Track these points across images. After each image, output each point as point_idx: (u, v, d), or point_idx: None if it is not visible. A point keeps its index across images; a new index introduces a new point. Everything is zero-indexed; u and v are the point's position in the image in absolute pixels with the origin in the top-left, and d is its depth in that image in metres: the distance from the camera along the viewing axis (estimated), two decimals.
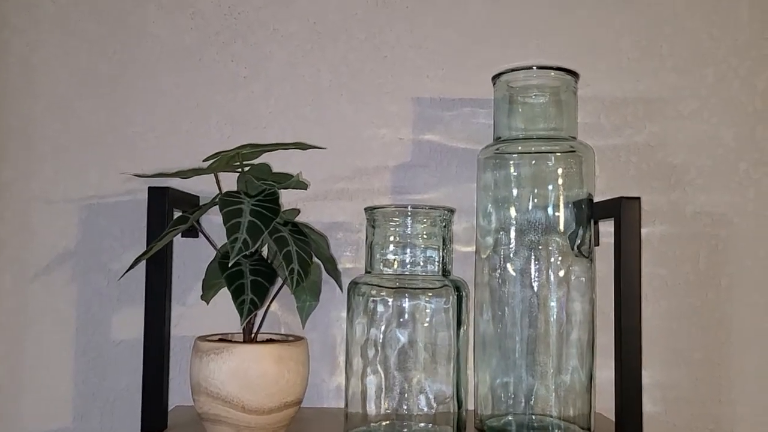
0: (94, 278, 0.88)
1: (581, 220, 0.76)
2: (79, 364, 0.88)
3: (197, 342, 0.70)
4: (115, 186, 0.89)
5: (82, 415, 0.88)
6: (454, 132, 0.90)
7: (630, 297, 0.75)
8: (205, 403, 0.67)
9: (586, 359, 0.75)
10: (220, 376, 0.66)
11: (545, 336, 0.75)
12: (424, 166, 0.90)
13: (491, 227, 0.78)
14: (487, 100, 0.90)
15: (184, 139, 0.90)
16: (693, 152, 0.91)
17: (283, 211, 0.78)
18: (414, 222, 0.73)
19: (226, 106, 0.90)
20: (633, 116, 0.91)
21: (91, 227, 0.89)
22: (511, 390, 0.76)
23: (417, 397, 0.72)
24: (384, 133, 0.90)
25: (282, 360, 0.68)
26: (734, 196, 0.91)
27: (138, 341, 0.87)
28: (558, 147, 0.77)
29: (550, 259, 0.76)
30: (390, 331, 0.72)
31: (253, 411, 0.66)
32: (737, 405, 0.89)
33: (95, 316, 0.88)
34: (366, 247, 0.76)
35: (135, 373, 0.87)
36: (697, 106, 0.91)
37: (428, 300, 0.72)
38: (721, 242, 0.90)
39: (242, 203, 0.67)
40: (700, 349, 0.90)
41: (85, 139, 0.90)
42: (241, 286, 0.64)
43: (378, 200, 0.89)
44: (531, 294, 0.76)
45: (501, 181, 0.78)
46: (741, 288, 0.90)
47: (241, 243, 0.62)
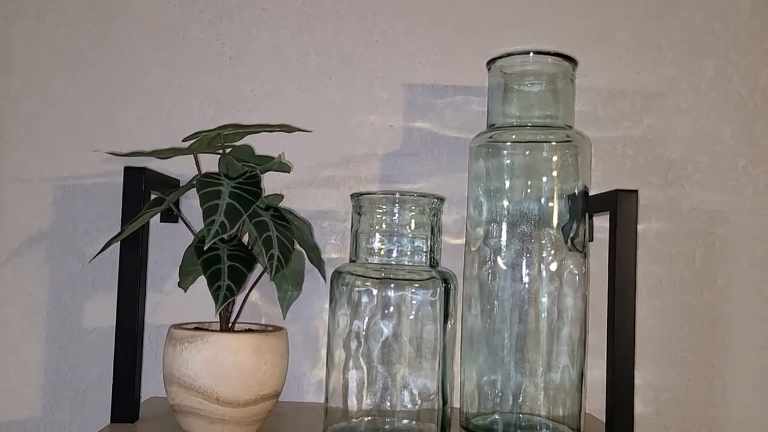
0: (68, 262, 0.85)
1: (576, 213, 0.73)
2: (49, 352, 0.84)
3: (171, 330, 0.66)
4: (92, 167, 0.86)
5: (52, 405, 0.84)
6: (446, 120, 0.87)
7: (624, 294, 0.72)
8: (177, 394, 0.64)
9: (577, 357, 0.72)
10: (194, 366, 0.63)
11: (535, 332, 0.72)
12: (415, 154, 0.87)
13: (482, 218, 0.75)
14: (480, 87, 0.87)
15: (165, 120, 0.86)
16: (691, 147, 0.88)
17: (265, 196, 0.75)
18: (402, 210, 0.70)
19: (209, 86, 0.87)
20: (630, 108, 0.88)
21: (66, 209, 0.85)
22: (498, 388, 0.73)
23: (400, 392, 0.69)
24: (373, 120, 0.87)
25: (260, 351, 0.65)
26: (732, 194, 0.88)
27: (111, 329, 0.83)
28: (553, 136, 0.74)
29: (543, 253, 0.73)
30: (374, 324, 0.69)
31: (228, 403, 0.63)
32: (730, 408, 0.87)
33: (67, 301, 0.85)
34: (351, 236, 0.72)
35: (108, 362, 0.83)
36: (695, 100, 0.89)
37: (414, 291, 0.69)
38: (717, 240, 0.88)
39: (221, 185, 0.63)
40: (693, 349, 0.87)
41: (62, 117, 0.86)
42: (218, 272, 0.61)
43: (365, 189, 0.86)
44: (522, 288, 0.73)
45: (493, 170, 0.75)
46: (737, 288, 0.88)
47: (218, 226, 0.59)
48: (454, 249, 0.84)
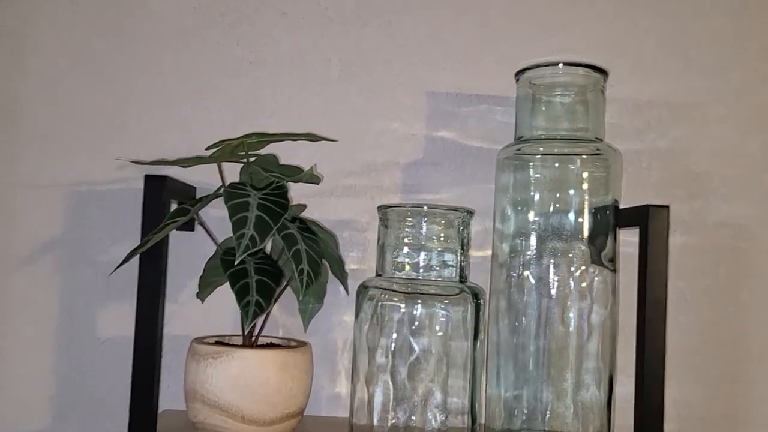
0: (81, 271, 0.83)
1: (606, 228, 0.72)
2: (60, 362, 0.82)
3: (194, 344, 0.64)
4: (107, 172, 0.83)
5: (62, 416, 0.82)
6: (470, 130, 0.86)
7: (655, 311, 0.71)
8: (200, 411, 0.62)
9: (606, 375, 0.71)
10: (218, 383, 0.61)
11: (564, 349, 0.71)
12: (437, 164, 0.85)
13: (510, 232, 0.74)
14: (504, 97, 0.86)
15: (182, 126, 0.84)
16: (717, 160, 0.87)
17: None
18: (430, 223, 0.68)
19: (228, 92, 0.85)
20: (656, 120, 0.87)
21: (80, 216, 0.83)
22: (524, 404, 0.72)
23: (428, 410, 0.67)
24: (396, 127, 0.85)
25: (286, 367, 0.63)
26: (758, 208, 0.87)
27: (126, 340, 0.81)
28: (583, 149, 0.72)
29: (572, 268, 0.71)
30: (401, 339, 0.67)
31: (253, 422, 0.61)
32: (754, 424, 0.85)
33: (80, 311, 0.82)
34: (378, 249, 0.71)
35: (121, 374, 0.82)
36: (723, 112, 0.88)
37: (444, 307, 0.67)
38: (742, 255, 0.87)
39: (248, 196, 0.61)
40: (717, 365, 0.86)
41: (76, 120, 0.84)
42: (246, 287, 0.59)
43: (387, 198, 0.84)
44: (550, 303, 0.71)
45: (521, 183, 0.74)
46: (761, 303, 0.86)
47: (248, 240, 0.57)
48: (477, 261, 0.82)
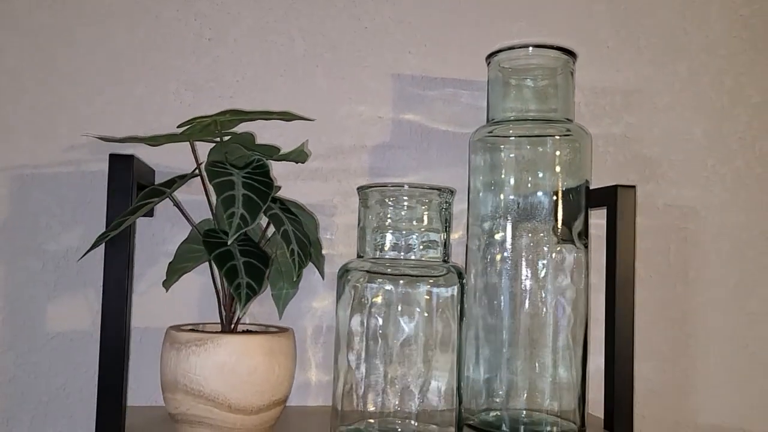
0: (27, 261, 0.76)
1: (578, 207, 0.73)
2: (5, 360, 0.75)
3: (172, 332, 0.61)
4: (52, 154, 0.77)
5: (9, 418, 0.75)
6: (436, 113, 0.86)
7: (625, 288, 0.74)
8: (182, 402, 0.58)
9: (580, 351, 0.73)
10: (203, 372, 0.58)
11: (539, 328, 0.72)
12: (404, 147, 0.85)
13: (483, 213, 0.74)
14: (469, 81, 0.86)
15: (136, 105, 0.79)
16: (666, 146, 0.91)
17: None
18: (411, 202, 0.67)
19: (186, 70, 0.81)
20: (611, 106, 0.90)
21: (24, 201, 0.77)
22: (502, 384, 0.72)
23: (413, 392, 0.66)
24: (362, 111, 0.84)
25: (273, 353, 0.60)
26: (702, 191, 0.92)
27: (78, 334, 0.76)
28: (554, 130, 0.74)
29: (545, 248, 0.72)
30: (386, 321, 0.66)
31: (240, 410, 0.58)
32: (703, 396, 0.90)
33: (26, 304, 0.76)
34: (358, 230, 0.69)
35: (74, 371, 0.76)
36: (670, 100, 0.92)
37: (430, 288, 0.66)
38: (689, 235, 0.91)
39: (232, 175, 0.59)
40: (668, 342, 0.90)
41: (16, 99, 0.77)
42: (234, 269, 0.56)
43: (355, 182, 0.83)
44: (524, 284, 0.72)
45: (494, 164, 0.74)
46: (706, 282, 0.91)
47: (239, 219, 0.54)
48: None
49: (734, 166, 0.93)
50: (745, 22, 0.94)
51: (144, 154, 0.75)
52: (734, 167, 0.93)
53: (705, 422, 0.90)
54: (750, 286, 0.92)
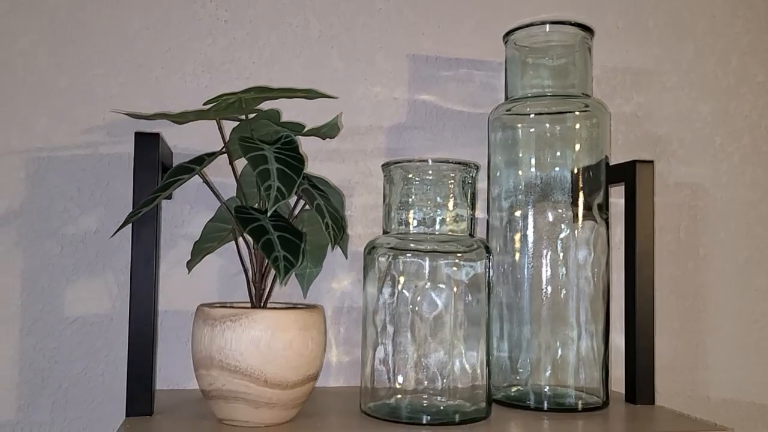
0: (45, 245, 0.75)
1: (598, 182, 0.74)
2: (25, 346, 0.74)
3: (204, 309, 0.60)
4: (69, 137, 0.77)
5: (29, 405, 0.74)
6: (450, 93, 0.86)
7: (644, 262, 0.74)
8: (218, 378, 0.58)
9: (601, 326, 0.73)
10: (238, 347, 0.57)
11: (561, 303, 0.73)
12: (419, 127, 0.85)
13: (505, 190, 0.75)
14: (482, 61, 0.87)
15: (153, 87, 0.79)
16: (675, 124, 0.93)
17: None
18: (438, 178, 0.68)
19: (203, 52, 0.80)
20: (621, 86, 0.91)
21: (41, 185, 0.76)
22: (525, 359, 0.73)
23: (442, 368, 0.66)
24: (378, 92, 0.84)
25: (307, 328, 0.60)
26: (710, 169, 0.93)
27: (98, 318, 0.76)
28: (572, 106, 0.74)
29: (566, 223, 0.73)
30: (414, 297, 0.66)
31: (276, 385, 0.58)
32: (714, 371, 0.92)
33: (45, 289, 0.75)
34: (384, 207, 0.69)
35: (94, 355, 0.76)
36: (678, 79, 0.93)
37: (458, 262, 0.67)
38: (699, 212, 0.93)
39: (264, 149, 0.58)
40: (680, 318, 0.91)
41: (32, 81, 0.76)
42: (270, 243, 0.56)
43: (371, 162, 0.83)
44: (546, 259, 0.73)
45: (514, 141, 0.75)
46: (716, 258, 0.93)
47: (276, 191, 0.54)
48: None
49: (741, 144, 0.94)
50: (749, 2, 0.96)
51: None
52: (741, 145, 0.94)
53: (717, 396, 0.92)
54: (759, 262, 0.94)
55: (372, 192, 0.83)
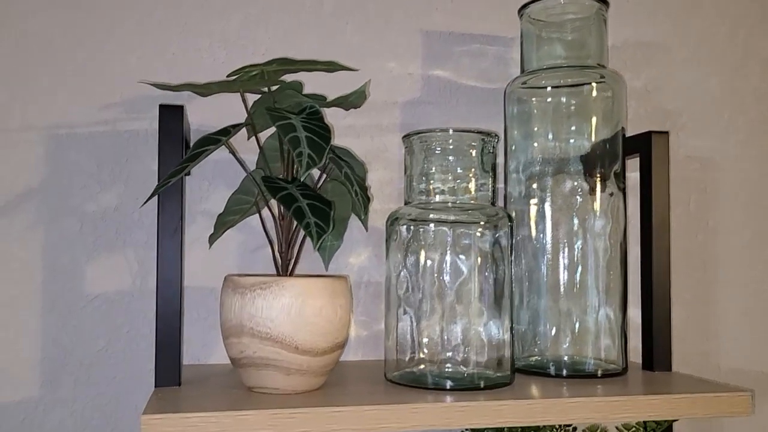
0: (64, 222, 0.75)
1: (614, 153, 0.75)
2: (46, 323, 0.75)
3: (234, 278, 0.61)
4: (87, 114, 0.76)
5: (52, 382, 0.74)
6: (464, 69, 0.87)
7: (661, 230, 0.75)
8: (248, 345, 0.59)
9: (620, 295, 0.74)
10: (269, 314, 0.58)
11: (579, 272, 0.73)
12: (434, 103, 0.85)
13: (522, 162, 0.75)
14: (495, 36, 0.87)
15: (170, 63, 0.79)
16: (684, 98, 0.94)
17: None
18: (458, 147, 0.68)
19: (218, 28, 0.80)
20: (632, 60, 0.92)
21: (60, 162, 0.76)
22: (545, 328, 0.74)
23: (465, 337, 0.67)
24: (392, 67, 0.85)
25: (335, 295, 0.61)
26: (719, 142, 0.94)
27: (119, 295, 0.76)
28: (588, 77, 0.75)
29: (584, 194, 0.74)
30: (437, 268, 0.67)
31: (307, 352, 0.59)
32: (724, 340, 0.93)
33: (65, 266, 0.75)
34: (405, 178, 0.70)
35: (115, 332, 0.76)
36: (687, 53, 0.94)
37: (481, 231, 0.67)
38: (708, 186, 0.94)
39: (290, 118, 0.59)
40: (690, 289, 0.92)
41: (50, 58, 0.76)
42: (300, 210, 0.56)
43: (387, 138, 0.84)
44: (565, 229, 0.74)
45: (530, 114, 0.76)
46: (724, 231, 0.94)
47: (307, 158, 0.55)
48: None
49: (749, 117, 0.95)
50: None
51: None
52: (749, 119, 0.95)
53: (726, 366, 0.93)
54: (767, 234, 0.95)
55: (387, 167, 0.83)
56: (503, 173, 0.78)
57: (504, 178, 0.78)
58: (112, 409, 0.75)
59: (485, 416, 0.59)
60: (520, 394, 0.63)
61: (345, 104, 0.67)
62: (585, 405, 0.61)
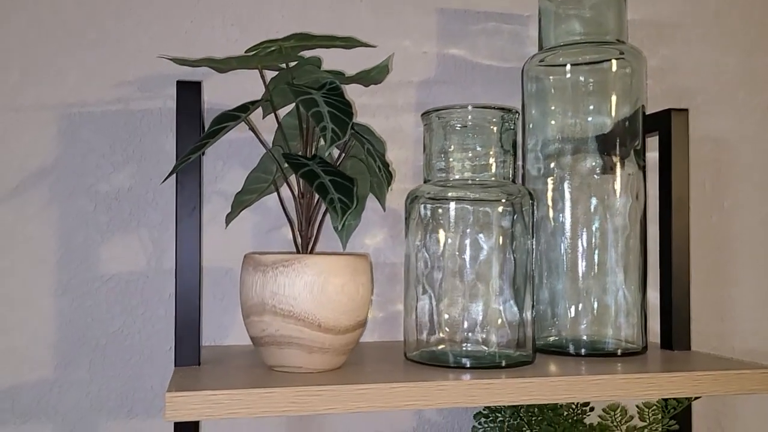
0: (78, 202, 0.75)
1: (634, 130, 0.74)
2: (61, 304, 0.74)
3: (254, 256, 0.60)
4: (100, 93, 0.75)
5: (67, 363, 0.74)
6: (479, 48, 0.86)
7: (680, 207, 0.75)
8: (270, 323, 0.58)
9: (640, 273, 0.74)
10: (292, 292, 0.57)
11: (599, 250, 0.73)
12: (449, 82, 0.85)
13: (541, 140, 0.75)
14: (510, 14, 0.86)
15: (183, 41, 0.78)
16: (699, 78, 0.93)
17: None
18: (478, 124, 0.67)
19: (231, 6, 0.79)
20: (647, 39, 0.91)
21: (73, 141, 0.75)
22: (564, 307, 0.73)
23: (486, 316, 0.67)
24: (407, 46, 0.84)
25: (357, 273, 0.60)
26: (734, 122, 0.94)
27: (134, 276, 0.75)
28: (607, 54, 0.74)
29: (602, 172, 0.73)
30: (457, 246, 0.66)
31: (330, 330, 0.58)
32: (740, 321, 0.93)
33: (79, 247, 0.74)
34: (424, 156, 0.69)
35: (130, 313, 0.75)
36: (702, 32, 0.93)
37: (503, 210, 0.67)
38: (723, 166, 0.93)
39: (312, 93, 0.58)
40: (705, 270, 0.92)
41: (62, 35, 0.75)
42: (323, 186, 0.56)
43: (402, 118, 0.83)
44: (584, 208, 0.73)
45: (548, 91, 0.75)
46: (740, 211, 0.94)
47: (331, 132, 0.54)
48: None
49: (765, 97, 0.95)
50: None
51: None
52: (765, 98, 0.95)
53: (741, 347, 0.93)
54: None
55: (402, 147, 0.83)
56: (522, 151, 0.77)
57: (522, 157, 0.77)
58: (128, 391, 0.75)
59: (510, 394, 0.58)
60: (543, 372, 0.62)
61: (366, 79, 0.66)
62: (608, 382, 0.61)
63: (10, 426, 0.72)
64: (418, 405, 0.56)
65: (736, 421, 0.92)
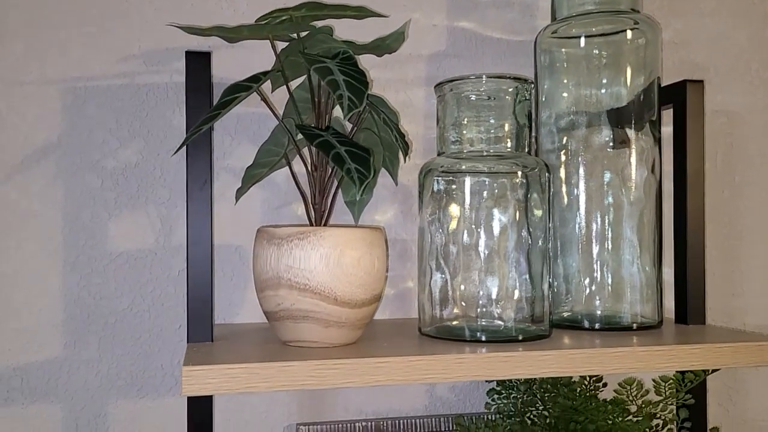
0: (85, 178, 0.73)
1: (650, 101, 0.73)
2: (68, 282, 0.73)
3: (268, 230, 0.59)
4: (105, 67, 0.74)
5: (76, 341, 0.73)
6: (489, 20, 0.84)
7: (696, 180, 0.74)
8: (286, 297, 0.57)
9: (655, 247, 0.73)
10: (308, 265, 0.56)
11: (614, 224, 0.72)
12: (459, 56, 0.83)
13: (554, 113, 0.73)
14: None
15: (188, 13, 0.76)
16: (711, 51, 0.91)
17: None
18: (494, 94, 0.66)
19: None
20: (659, 12, 0.90)
21: (78, 116, 0.73)
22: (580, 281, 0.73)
23: (501, 290, 0.66)
24: (417, 18, 0.82)
25: (372, 246, 0.59)
26: (746, 96, 0.93)
27: (142, 253, 0.74)
28: (622, 24, 0.73)
29: (617, 145, 0.72)
30: (473, 218, 0.65)
31: (346, 303, 0.57)
32: (749, 296, 0.92)
33: (87, 224, 0.73)
34: (438, 129, 0.68)
35: (139, 290, 0.74)
36: (715, 5, 0.92)
37: (518, 182, 0.66)
38: (735, 140, 0.92)
39: (326, 62, 0.56)
40: (716, 245, 0.91)
41: (66, 10, 0.73)
42: (339, 156, 0.54)
43: (413, 92, 0.81)
44: (599, 181, 0.72)
45: (563, 63, 0.74)
46: (751, 186, 0.93)
47: (348, 101, 0.53)
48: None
49: None
50: None
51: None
52: None
53: (752, 323, 0.93)
54: None
55: (413, 122, 0.81)
56: (535, 124, 0.76)
57: (536, 129, 0.76)
58: (138, 369, 0.74)
59: (529, 367, 0.57)
60: (561, 345, 0.61)
61: (381, 48, 0.65)
62: (628, 355, 0.60)
63: (20, 405, 0.71)
64: (437, 378, 0.55)
65: (747, 396, 0.92)
